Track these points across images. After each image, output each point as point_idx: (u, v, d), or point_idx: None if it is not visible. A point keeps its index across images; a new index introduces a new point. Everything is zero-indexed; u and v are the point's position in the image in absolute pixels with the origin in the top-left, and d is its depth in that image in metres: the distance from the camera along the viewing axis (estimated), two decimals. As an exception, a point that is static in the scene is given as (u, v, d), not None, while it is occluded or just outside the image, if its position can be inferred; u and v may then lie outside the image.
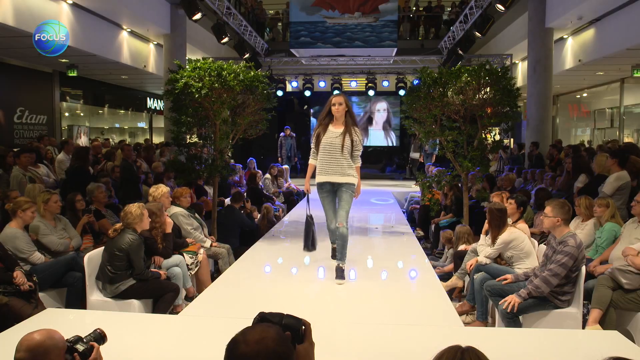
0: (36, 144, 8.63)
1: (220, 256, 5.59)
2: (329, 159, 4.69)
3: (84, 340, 2.04)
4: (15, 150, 7.59)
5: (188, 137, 6.87)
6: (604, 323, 3.85)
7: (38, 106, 12.15)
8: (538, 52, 11.31)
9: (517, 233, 4.52)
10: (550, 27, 11.28)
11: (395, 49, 13.87)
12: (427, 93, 6.57)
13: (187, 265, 4.81)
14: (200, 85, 6.09)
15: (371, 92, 15.36)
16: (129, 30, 11.81)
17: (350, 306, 4.12)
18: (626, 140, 13.51)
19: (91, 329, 2.18)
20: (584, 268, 3.91)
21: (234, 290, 4.47)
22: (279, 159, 12.82)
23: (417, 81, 7.27)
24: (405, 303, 4.23)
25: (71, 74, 11.62)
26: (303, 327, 1.64)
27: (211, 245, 5.57)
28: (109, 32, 11.09)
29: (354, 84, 15.73)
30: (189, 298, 4.64)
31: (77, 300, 4.28)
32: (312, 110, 17.50)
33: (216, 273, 5.59)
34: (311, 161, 4.91)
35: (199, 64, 6.41)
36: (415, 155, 13.00)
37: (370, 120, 17.59)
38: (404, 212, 8.78)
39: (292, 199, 9.86)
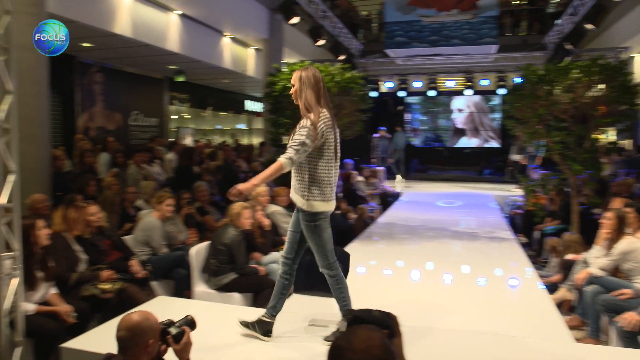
0: (149, 144, 9.34)
1: (315, 255, 5.67)
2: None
3: (176, 324, 2.16)
4: (129, 150, 8.27)
5: (285, 138, 7.07)
6: None
7: (150, 109, 13.17)
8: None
9: (637, 244, 4.11)
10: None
11: (496, 46, 13.26)
12: (532, 91, 6.20)
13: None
14: (297, 87, 6.23)
15: (469, 92, 14.82)
16: (231, 36, 12.41)
17: (446, 311, 3.99)
18: None
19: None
20: None
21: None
22: (373, 160, 12.78)
23: (519, 79, 6.89)
24: (507, 312, 4.02)
25: (178, 79, 12.47)
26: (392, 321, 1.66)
27: (307, 244, 5.67)
28: (212, 39, 11.74)
29: (450, 83, 15.26)
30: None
31: (183, 291, 4.57)
32: (407, 114, 17.33)
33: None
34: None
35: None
36: (516, 157, 12.28)
37: (468, 120, 16.99)
38: (505, 217, 8.36)
39: (387, 200, 9.79)
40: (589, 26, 10.77)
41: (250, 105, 18.95)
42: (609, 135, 13.07)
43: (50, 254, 3.61)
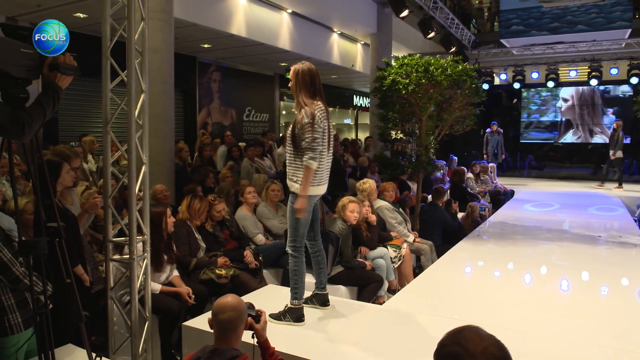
0: (261, 138, 9.78)
1: (422, 252, 5.58)
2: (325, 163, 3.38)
3: (253, 307, 2.31)
4: (243, 144, 8.73)
5: (393, 133, 7.00)
6: None
7: (262, 105, 13.78)
8: None
9: None
10: None
11: (629, 30, 11.94)
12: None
13: (391, 258, 4.91)
14: (407, 81, 6.14)
15: (594, 82, 13.54)
16: (339, 32, 12.54)
17: (561, 320, 3.68)
18: None
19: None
20: None
21: (434, 287, 4.41)
22: (485, 156, 12.21)
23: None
24: (634, 326, 3.61)
25: (289, 76, 12.87)
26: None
27: (414, 241, 5.59)
28: (321, 35, 11.96)
29: (573, 73, 14.04)
30: (392, 290, 4.74)
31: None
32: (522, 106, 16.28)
33: (417, 269, 5.59)
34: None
35: (405, 60, 6.47)
36: (617, 153, 10.76)
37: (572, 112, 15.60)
38: (635, 221, 7.55)
39: (499, 198, 9.30)
40: None
41: (358, 100, 19.05)
42: None
43: (174, 240, 3.93)
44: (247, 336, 2.28)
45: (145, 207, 3.02)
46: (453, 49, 12.63)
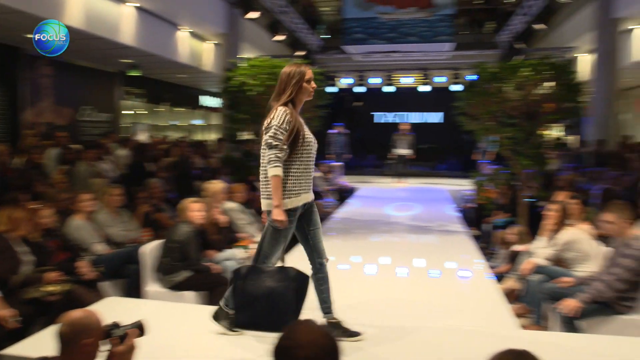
0: (101, 140, 9.08)
1: (272, 251, 5.66)
2: (311, 166, 3.13)
3: (121, 327, 2.11)
4: (78, 146, 8.02)
5: (244, 134, 7.01)
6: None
7: (102, 104, 12.77)
8: (604, 44, 10.72)
9: (579, 234, 4.31)
10: (618, 17, 10.64)
11: (452, 44, 13.54)
12: (484, 89, 6.38)
13: (240, 259, 4.91)
14: (255, 82, 6.20)
15: (425, 88, 15.09)
16: (188, 30, 12.18)
17: (401, 305, 4.07)
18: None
19: (145, 318, 2.23)
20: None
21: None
22: (330, 156, 12.83)
23: (474, 77, 7.07)
24: (459, 304, 4.13)
25: (132, 74, 12.13)
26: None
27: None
28: (168, 32, 11.49)
29: (408, 80, 15.50)
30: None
31: (135, 291, 4.46)
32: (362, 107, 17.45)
33: (268, 268, 5.67)
34: (281, 171, 2.92)
35: (254, 62, 6.53)
36: (403, 151, 12.06)
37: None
38: (458, 211, 8.59)
39: (345, 195, 9.88)
40: (540, 26, 11.16)
41: (208, 101, 18.67)
42: (556, 132, 13.59)
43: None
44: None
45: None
46: (299, 53, 13.07)
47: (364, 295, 4.31)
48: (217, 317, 3.18)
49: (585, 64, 12.50)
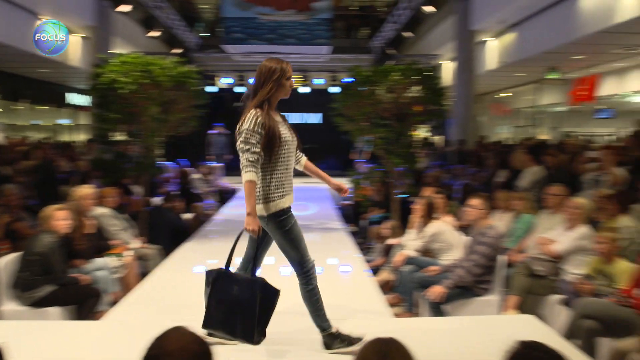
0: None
1: (149, 258, 5.41)
2: (291, 165, 3.08)
3: None
4: None
5: (116, 134, 6.59)
6: (521, 308, 4.09)
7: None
8: (463, 53, 11.83)
9: (443, 226, 4.71)
10: (475, 29, 11.82)
11: (329, 47, 14.00)
12: (358, 91, 6.69)
13: (113, 268, 4.61)
14: (127, 80, 5.86)
15: (305, 89, 15.42)
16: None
17: (284, 305, 4.10)
18: (541, 137, 14.45)
19: (3, 342, 2.01)
20: (503, 257, 4.15)
21: (160, 292, 4.34)
22: (210, 157, 12.56)
23: (349, 79, 7.38)
24: (338, 298, 4.28)
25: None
26: None
27: (140, 247, 5.37)
28: (26, 21, 10.40)
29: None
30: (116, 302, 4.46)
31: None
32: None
33: (144, 276, 5.40)
34: (254, 176, 2.79)
35: (125, 58, 6.16)
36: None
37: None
38: (336, 208, 8.90)
39: (225, 197, 9.74)
40: (408, 34, 11.98)
41: (76, 99, 17.20)
42: (423, 132, 14.73)
43: None
44: None
45: None
46: (176, 50, 12.63)
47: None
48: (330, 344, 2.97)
49: (448, 70, 13.70)
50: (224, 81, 15.36)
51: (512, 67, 12.57)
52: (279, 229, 2.88)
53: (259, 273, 2.98)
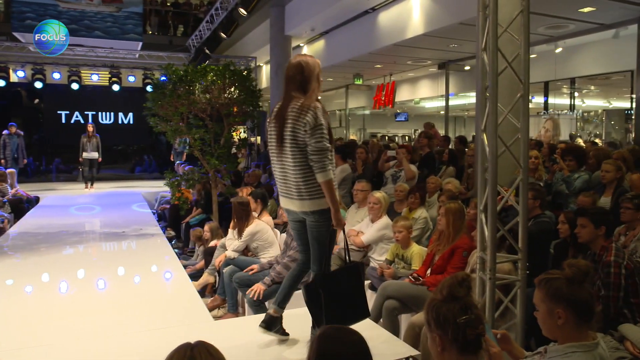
0: None
1: None
2: None
3: None
4: None
5: None
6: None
7: None
8: (279, 57, 12.25)
9: (261, 225, 4.82)
10: (289, 34, 12.34)
11: (141, 43, 13.22)
12: (174, 90, 6.48)
13: None
14: None
15: (116, 87, 14.30)
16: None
17: (97, 319, 3.77)
18: (350, 137, 15.80)
19: None
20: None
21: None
22: (2, 161, 10.85)
23: (164, 78, 7.09)
24: (156, 307, 4.08)
25: None
26: None
27: None
28: None
29: (95, 77, 14.35)
30: None
31: None
32: (42, 105, 15.32)
33: None
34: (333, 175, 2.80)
35: None
36: (91, 154, 11.56)
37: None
38: (154, 213, 8.47)
39: (22, 207, 8.50)
40: (222, 35, 11.94)
41: None
42: (241, 133, 14.93)
43: None
44: None
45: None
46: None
47: (53, 315, 3.81)
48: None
49: (267, 73, 14.08)
50: (19, 74, 13.37)
51: (323, 73, 13.39)
52: (326, 224, 2.83)
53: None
